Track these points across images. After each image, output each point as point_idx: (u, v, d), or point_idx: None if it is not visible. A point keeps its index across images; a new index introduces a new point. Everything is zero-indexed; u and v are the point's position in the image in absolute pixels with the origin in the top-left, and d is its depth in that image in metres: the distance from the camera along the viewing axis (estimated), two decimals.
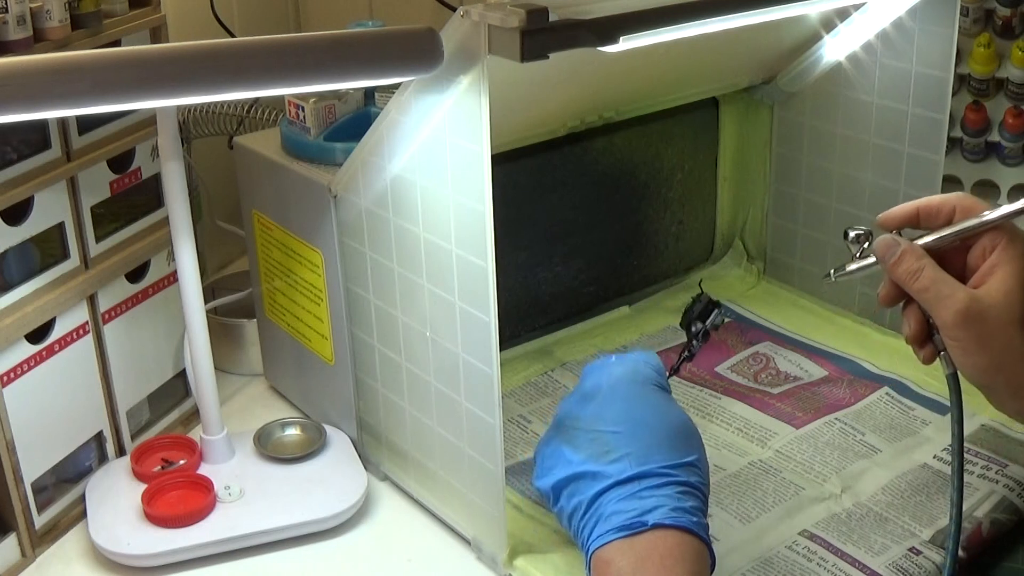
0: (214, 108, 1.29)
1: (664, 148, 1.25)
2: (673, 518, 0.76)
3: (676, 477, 0.79)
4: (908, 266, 0.80)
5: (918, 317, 0.82)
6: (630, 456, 0.79)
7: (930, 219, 0.82)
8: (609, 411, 0.83)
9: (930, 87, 1.07)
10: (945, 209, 0.82)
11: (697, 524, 0.77)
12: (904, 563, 0.87)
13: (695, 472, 0.80)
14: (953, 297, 0.78)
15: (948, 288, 0.79)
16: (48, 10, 0.88)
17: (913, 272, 0.80)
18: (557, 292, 1.21)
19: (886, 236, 0.82)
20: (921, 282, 0.80)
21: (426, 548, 0.94)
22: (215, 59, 0.72)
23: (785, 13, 0.86)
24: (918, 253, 0.81)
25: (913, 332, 0.83)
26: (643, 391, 0.85)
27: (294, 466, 1.00)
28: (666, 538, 0.76)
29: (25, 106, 0.67)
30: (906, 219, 0.83)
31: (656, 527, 0.76)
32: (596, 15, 0.73)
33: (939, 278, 0.79)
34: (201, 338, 0.96)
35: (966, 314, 0.78)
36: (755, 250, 1.34)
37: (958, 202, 0.82)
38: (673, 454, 0.80)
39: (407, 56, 0.76)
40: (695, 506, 0.78)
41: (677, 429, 0.82)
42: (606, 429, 0.81)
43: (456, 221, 0.82)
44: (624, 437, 0.80)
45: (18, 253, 0.91)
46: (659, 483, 0.78)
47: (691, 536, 0.76)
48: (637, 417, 0.82)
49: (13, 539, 0.92)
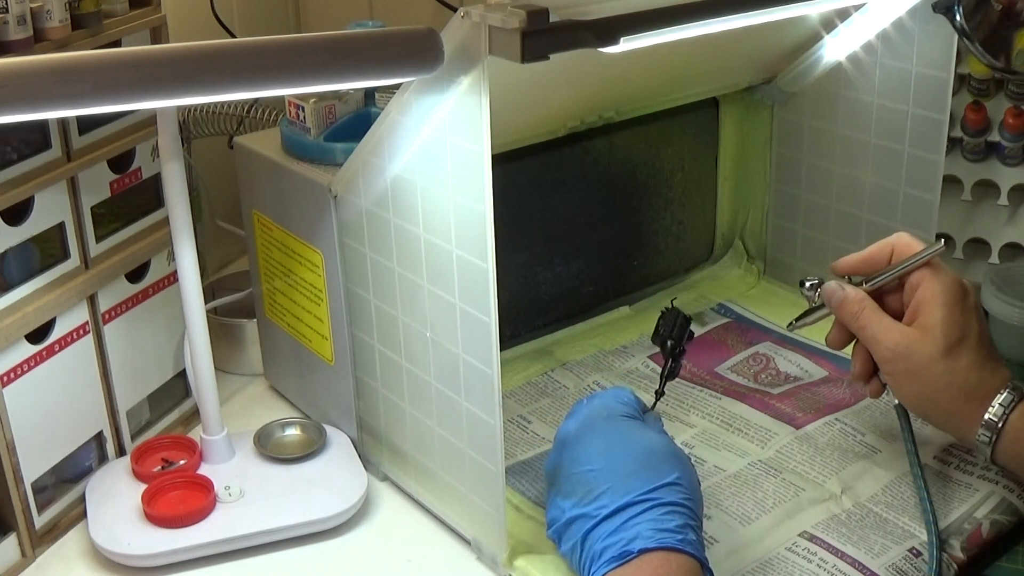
0: (214, 108, 1.29)
1: (664, 148, 1.25)
2: (658, 540, 0.76)
3: (659, 499, 0.79)
4: (850, 309, 0.90)
5: (863, 356, 0.92)
6: (610, 491, 0.79)
7: (874, 264, 0.92)
8: (583, 451, 0.83)
9: (930, 87, 1.07)
10: (885, 252, 0.91)
11: (683, 541, 0.77)
12: (904, 564, 0.87)
13: (677, 491, 0.80)
14: (885, 335, 0.88)
15: (882, 327, 0.89)
16: (48, 10, 0.88)
17: (854, 314, 0.90)
18: (557, 292, 1.21)
19: (830, 283, 0.92)
20: (860, 322, 0.90)
21: (426, 548, 0.94)
22: (215, 59, 0.71)
23: (785, 13, 0.86)
24: (858, 296, 0.90)
25: (858, 370, 0.93)
26: (613, 424, 0.85)
27: (294, 466, 1.00)
28: (653, 560, 0.76)
29: (25, 106, 0.67)
30: (854, 268, 0.93)
31: (642, 552, 0.76)
32: (596, 16, 0.73)
33: (875, 319, 0.89)
34: (201, 338, 0.96)
35: (895, 351, 0.88)
36: (755, 250, 1.34)
37: (895, 242, 0.91)
38: (652, 477, 0.79)
39: (407, 56, 0.76)
40: (681, 524, 0.78)
41: (652, 453, 0.82)
42: (584, 468, 0.81)
43: (456, 221, 0.82)
44: (601, 473, 0.81)
45: (18, 253, 0.91)
46: (642, 510, 0.78)
47: (679, 554, 0.76)
48: (610, 451, 0.82)
49: (13, 539, 0.92)
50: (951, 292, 0.88)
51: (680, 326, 0.95)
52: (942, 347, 0.87)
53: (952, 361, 0.87)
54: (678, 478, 0.80)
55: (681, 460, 0.83)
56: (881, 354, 0.89)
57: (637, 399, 0.88)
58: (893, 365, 0.89)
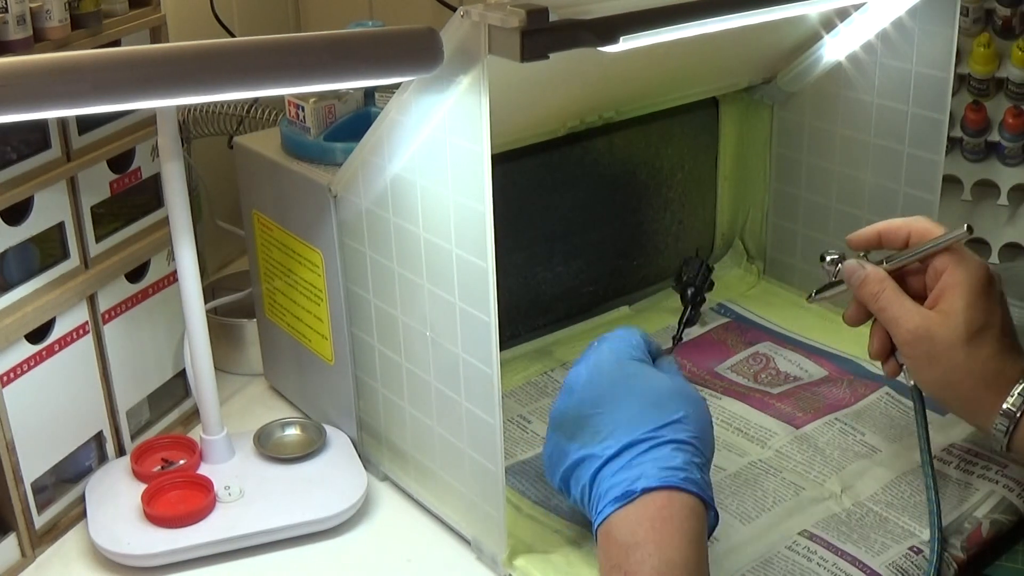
0: (214, 108, 1.29)
1: (664, 148, 1.25)
2: (661, 479, 0.78)
3: (663, 437, 0.80)
4: (870, 289, 0.90)
5: (881, 336, 0.92)
6: (616, 431, 0.81)
7: (890, 241, 0.92)
8: (591, 394, 0.85)
9: (930, 87, 1.07)
10: (902, 232, 0.91)
11: (687, 480, 0.78)
12: (904, 563, 0.88)
13: (683, 428, 0.81)
14: (906, 318, 0.88)
15: (903, 309, 0.88)
16: (48, 10, 0.88)
17: (875, 294, 0.90)
18: (557, 292, 1.21)
19: (851, 261, 0.92)
20: (880, 303, 0.89)
21: (426, 548, 0.94)
22: (215, 59, 0.71)
23: (785, 13, 0.86)
24: (879, 276, 0.90)
25: (875, 349, 0.93)
26: (621, 367, 0.86)
27: (294, 466, 1.00)
28: (656, 499, 0.77)
29: (25, 106, 0.67)
30: (870, 241, 0.93)
31: (645, 491, 0.78)
32: (596, 15, 0.73)
33: (896, 300, 0.89)
34: (201, 338, 0.96)
35: (916, 334, 0.87)
36: (755, 250, 1.34)
37: (914, 226, 0.91)
38: (657, 417, 0.81)
39: (407, 56, 0.76)
40: (686, 461, 0.79)
41: (658, 393, 0.84)
42: (592, 412, 0.83)
43: (456, 221, 0.82)
44: (608, 415, 0.82)
45: (18, 253, 0.91)
46: (646, 448, 0.80)
47: (681, 492, 0.78)
48: (618, 392, 0.84)
49: (13, 539, 0.92)
50: (977, 279, 0.87)
51: (703, 274, 0.96)
52: (965, 334, 0.86)
53: (974, 348, 0.86)
54: (684, 416, 0.82)
55: (689, 399, 0.84)
56: (901, 336, 0.88)
57: (647, 341, 0.90)
58: (913, 348, 0.88)
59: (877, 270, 0.90)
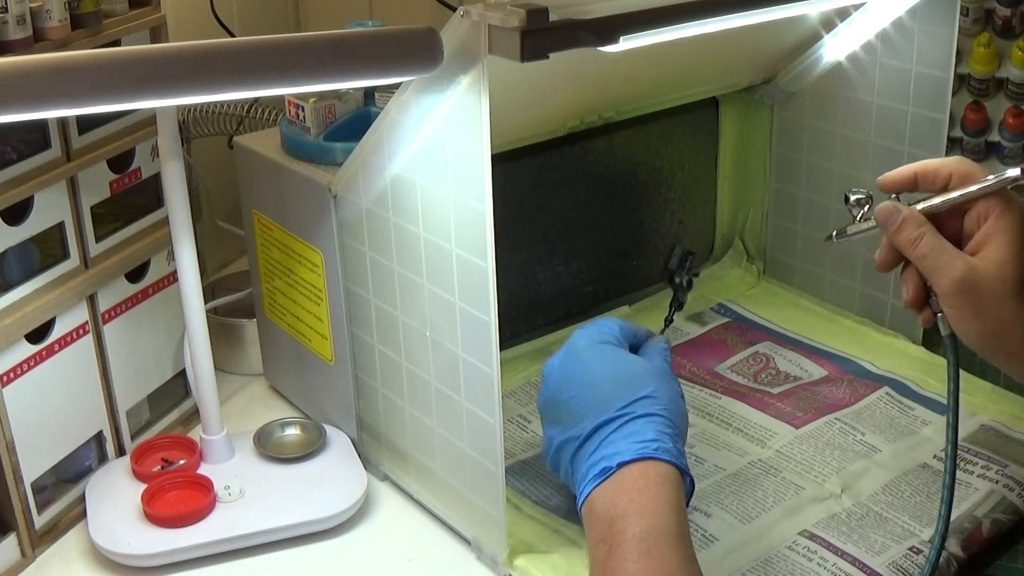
0: (214, 108, 1.29)
1: (664, 148, 1.25)
2: (635, 452, 0.80)
3: (633, 413, 0.83)
4: (908, 234, 0.82)
5: (916, 282, 0.83)
6: (589, 413, 0.84)
7: (927, 183, 0.84)
8: (565, 381, 0.87)
9: (930, 87, 1.07)
10: (942, 174, 0.83)
11: (658, 449, 0.80)
12: (904, 563, 0.88)
13: (652, 403, 0.83)
14: (950, 265, 0.80)
15: (946, 256, 0.80)
16: (48, 10, 0.88)
17: (913, 240, 0.82)
18: (557, 292, 1.21)
19: (887, 203, 0.83)
20: (920, 249, 0.81)
21: (426, 548, 0.94)
22: (215, 59, 0.72)
23: (785, 13, 0.86)
24: (918, 220, 0.82)
25: (911, 296, 0.84)
26: (591, 352, 0.88)
27: (294, 466, 1.00)
28: (632, 471, 0.79)
29: (25, 106, 0.67)
30: (905, 182, 0.84)
31: (621, 466, 0.80)
32: (596, 15, 0.73)
33: (937, 246, 0.81)
34: (201, 338, 0.96)
35: (962, 283, 0.79)
36: (755, 250, 1.34)
37: (955, 167, 0.83)
38: (626, 394, 0.83)
39: (407, 56, 0.76)
40: (657, 432, 0.81)
41: (627, 372, 0.86)
42: (567, 396, 0.86)
43: (456, 221, 0.82)
44: (581, 399, 0.85)
45: (18, 253, 0.91)
46: (618, 425, 0.82)
47: (655, 462, 0.80)
48: (589, 376, 0.86)
49: (13, 539, 0.92)
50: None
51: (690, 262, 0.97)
52: (1015, 284, 0.79)
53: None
54: (653, 391, 0.84)
55: (658, 374, 0.86)
56: (944, 286, 0.80)
57: (626, 327, 0.92)
58: (958, 299, 0.80)
59: (915, 212, 0.82)
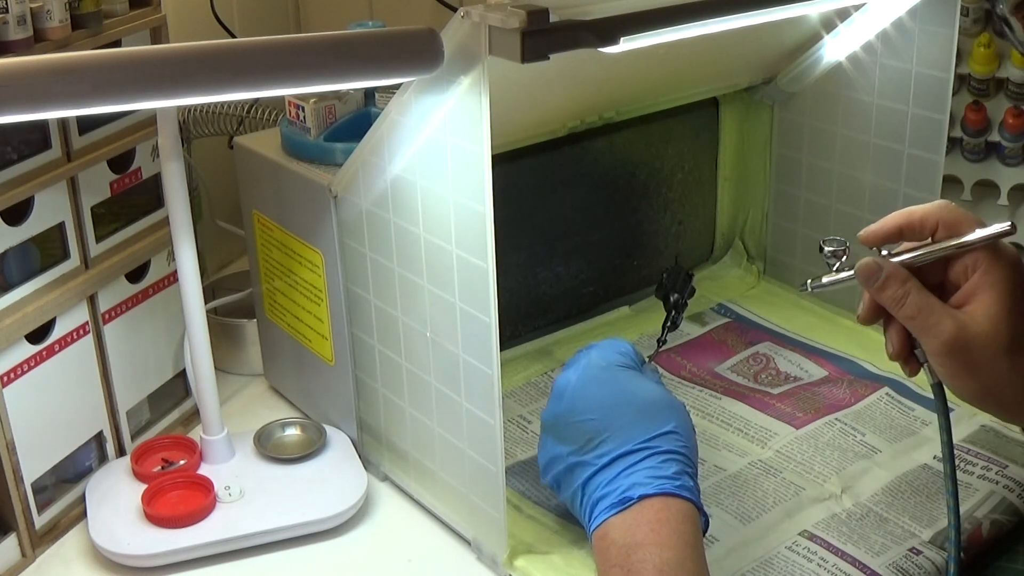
0: (214, 108, 1.29)
1: (664, 148, 1.25)
2: (657, 486, 0.80)
3: (656, 448, 0.82)
4: (892, 292, 0.78)
5: (900, 335, 0.80)
6: (609, 439, 0.83)
7: (913, 235, 0.80)
8: (583, 401, 0.86)
9: (930, 87, 1.07)
10: (928, 224, 0.79)
11: (681, 487, 0.81)
12: (904, 563, 0.88)
13: (674, 439, 0.83)
14: (939, 326, 0.76)
15: (935, 316, 0.77)
16: (48, 10, 0.88)
17: (898, 299, 0.78)
18: (557, 292, 1.21)
19: (868, 260, 0.79)
20: (907, 310, 0.78)
21: (426, 548, 0.94)
22: (215, 59, 0.72)
23: (785, 13, 0.86)
24: (902, 276, 0.78)
25: (896, 351, 0.81)
26: (611, 375, 0.88)
27: (294, 466, 1.00)
28: (653, 505, 0.80)
29: (25, 106, 0.67)
30: (889, 236, 0.80)
31: (642, 498, 0.80)
32: (596, 16, 0.73)
33: (925, 305, 0.77)
34: (201, 338, 0.96)
35: (952, 344, 0.76)
36: (755, 250, 1.34)
37: (941, 216, 0.79)
38: (650, 427, 0.83)
39: (407, 56, 0.76)
40: (678, 470, 0.82)
41: (650, 403, 0.86)
42: (584, 418, 0.85)
43: (456, 221, 0.82)
44: (601, 423, 0.84)
45: (18, 253, 0.91)
46: (640, 458, 0.82)
47: (676, 499, 0.80)
48: (609, 400, 0.85)
49: (13, 539, 0.92)
50: (1016, 278, 0.77)
51: (683, 281, 0.97)
52: (1007, 342, 0.76)
53: (1018, 356, 0.76)
54: (675, 427, 0.84)
55: (677, 410, 0.86)
56: (934, 347, 0.77)
57: (635, 350, 0.92)
58: (949, 359, 0.77)
59: (898, 268, 0.78)
